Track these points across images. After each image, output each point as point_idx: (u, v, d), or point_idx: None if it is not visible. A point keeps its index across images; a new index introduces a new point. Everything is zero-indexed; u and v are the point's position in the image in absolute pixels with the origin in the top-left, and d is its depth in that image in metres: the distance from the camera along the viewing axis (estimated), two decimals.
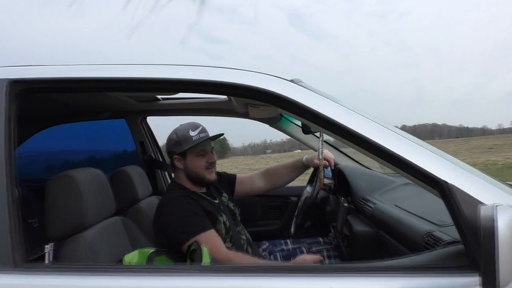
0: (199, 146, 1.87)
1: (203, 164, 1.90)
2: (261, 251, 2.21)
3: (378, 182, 2.09)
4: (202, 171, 1.90)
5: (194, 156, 1.89)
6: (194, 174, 1.91)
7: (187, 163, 1.91)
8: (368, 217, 1.76)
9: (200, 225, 1.73)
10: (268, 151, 38.75)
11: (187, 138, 1.87)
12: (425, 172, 0.97)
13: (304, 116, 1.13)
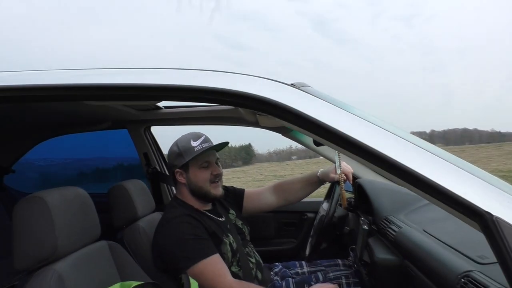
0: (202, 157, 1.70)
1: (207, 177, 1.72)
2: (273, 275, 1.98)
3: (403, 199, 1.83)
4: (206, 185, 1.72)
5: (197, 168, 1.72)
6: (198, 189, 1.74)
7: (190, 176, 1.74)
8: (392, 242, 1.51)
9: (203, 250, 1.57)
10: (294, 157, 38.42)
11: (188, 149, 1.70)
12: (462, 200, 0.74)
13: (307, 128, 0.92)
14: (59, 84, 0.93)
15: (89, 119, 2.31)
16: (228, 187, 2.08)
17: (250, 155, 41.77)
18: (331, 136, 0.87)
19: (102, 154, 3.11)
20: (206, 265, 1.54)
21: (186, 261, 1.54)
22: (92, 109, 2.06)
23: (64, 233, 1.18)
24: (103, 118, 2.32)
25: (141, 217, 1.91)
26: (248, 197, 2.07)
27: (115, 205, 1.88)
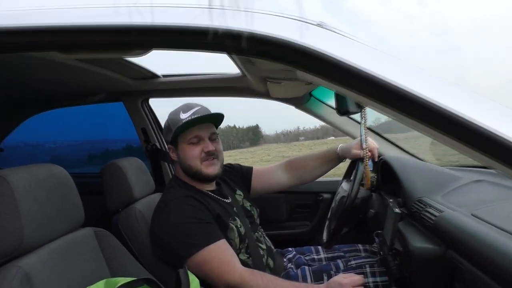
0: (191, 131, 1.50)
1: (196, 154, 1.51)
2: (286, 262, 1.77)
3: (438, 178, 1.59)
4: (196, 163, 1.52)
5: (186, 144, 1.52)
6: (188, 168, 1.53)
7: (179, 153, 1.54)
8: (430, 228, 1.27)
9: (207, 235, 1.38)
10: (301, 138, 38.13)
11: (176, 121, 1.49)
12: None
13: (343, 81, 0.68)
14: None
15: (79, 90, 2.08)
16: (234, 165, 1.85)
17: (257, 136, 41.69)
18: (381, 92, 0.63)
19: (100, 136, 2.95)
20: (211, 252, 1.35)
21: (188, 248, 1.35)
22: (82, 79, 1.82)
23: (33, 221, 0.95)
24: (95, 89, 2.08)
25: (138, 199, 1.70)
26: (257, 176, 1.85)
27: (108, 186, 1.67)
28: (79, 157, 3.07)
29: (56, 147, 3.06)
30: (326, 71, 0.66)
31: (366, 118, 1.43)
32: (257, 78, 1.69)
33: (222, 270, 1.33)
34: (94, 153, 3.07)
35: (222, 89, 2.09)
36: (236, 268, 1.35)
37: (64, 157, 3.07)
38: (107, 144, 2.97)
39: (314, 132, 38.51)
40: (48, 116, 2.55)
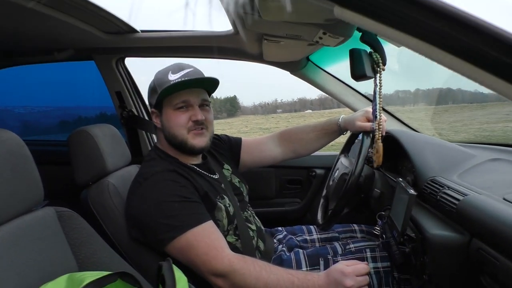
0: (178, 95, 1.30)
1: (182, 122, 1.32)
2: (276, 243, 1.61)
3: (451, 155, 1.43)
4: (181, 133, 1.33)
5: (171, 109, 1.31)
6: (172, 137, 1.34)
7: (163, 119, 1.34)
8: (450, 213, 1.11)
9: (192, 216, 1.20)
10: (279, 110, 38.02)
11: (164, 83, 1.27)
12: None
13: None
14: None
15: (42, 44, 1.79)
16: (221, 136, 1.65)
17: (235, 108, 41.41)
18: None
19: (73, 102, 2.74)
20: (197, 236, 1.17)
21: (170, 230, 1.17)
22: (45, 30, 1.55)
23: None
24: (61, 43, 1.80)
25: (112, 172, 1.47)
26: (246, 148, 1.66)
27: (76, 156, 1.44)
28: (50, 124, 2.89)
29: (26, 112, 2.87)
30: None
31: (382, 84, 1.24)
32: (251, 36, 1.47)
33: (209, 256, 1.16)
34: (67, 119, 2.88)
35: (210, 49, 1.85)
36: (224, 254, 1.18)
37: (34, 124, 2.89)
38: (80, 111, 2.77)
39: (292, 104, 38.51)
40: (18, 79, 2.39)
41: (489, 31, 0.44)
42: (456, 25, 0.45)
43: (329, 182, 1.67)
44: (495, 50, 0.43)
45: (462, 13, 0.45)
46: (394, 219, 1.28)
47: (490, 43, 0.44)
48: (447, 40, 0.47)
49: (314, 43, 1.34)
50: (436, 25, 0.46)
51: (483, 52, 0.45)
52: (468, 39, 0.45)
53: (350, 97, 1.90)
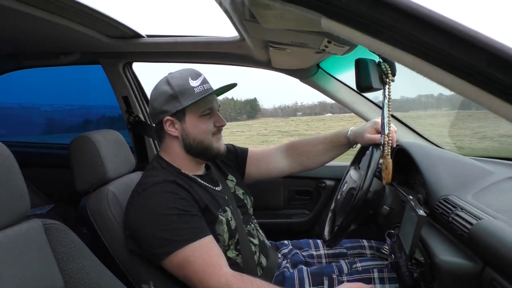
0: (204, 103, 1.29)
1: (209, 128, 1.32)
2: (281, 258, 1.54)
3: (466, 172, 1.35)
4: (208, 138, 1.33)
5: (197, 117, 1.31)
6: (197, 144, 1.33)
7: (187, 127, 1.30)
8: (462, 238, 1.03)
9: (190, 230, 1.16)
10: (299, 113, 37.85)
11: (186, 90, 1.25)
12: None
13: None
14: None
15: (49, 48, 1.79)
16: (227, 146, 1.60)
17: (255, 110, 41.57)
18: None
19: (97, 101, 2.77)
20: (195, 251, 1.13)
21: (167, 245, 1.13)
22: (50, 35, 1.54)
23: None
24: (67, 47, 1.79)
25: (113, 179, 1.44)
26: (252, 159, 1.61)
27: (77, 162, 1.41)
28: (75, 122, 2.98)
29: (52, 110, 2.94)
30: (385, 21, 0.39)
31: (391, 96, 1.16)
32: (257, 43, 1.42)
33: (205, 274, 1.12)
34: (91, 118, 2.95)
35: (216, 55, 1.81)
36: (222, 272, 1.14)
37: (59, 121, 2.99)
38: (105, 110, 2.82)
39: (312, 108, 38.25)
40: (46, 78, 2.45)
41: (492, 49, 0.37)
42: (455, 41, 0.39)
43: (337, 196, 1.59)
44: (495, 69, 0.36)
45: (462, 28, 0.38)
46: (403, 239, 1.20)
47: (493, 61, 0.37)
48: (444, 58, 0.41)
49: (321, 51, 1.28)
50: (431, 41, 0.40)
51: (481, 71, 0.38)
52: (466, 56, 0.38)
53: (363, 106, 1.82)
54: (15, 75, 2.24)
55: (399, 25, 0.41)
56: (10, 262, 0.84)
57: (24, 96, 2.77)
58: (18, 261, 0.85)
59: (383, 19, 0.41)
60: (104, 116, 2.83)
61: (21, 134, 3.00)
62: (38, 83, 2.55)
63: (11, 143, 2.47)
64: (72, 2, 1.26)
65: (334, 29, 0.48)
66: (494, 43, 0.37)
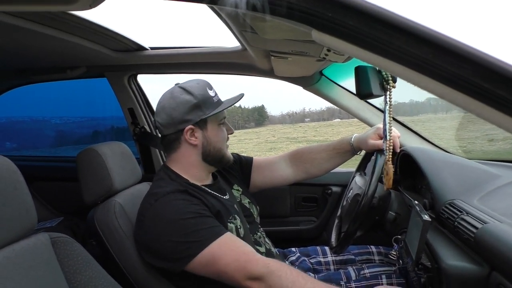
0: (221, 112, 1.35)
1: (225, 136, 1.39)
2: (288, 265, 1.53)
3: (472, 176, 1.34)
4: (224, 146, 1.39)
5: (217, 125, 1.35)
6: (216, 152, 1.36)
7: (209, 135, 1.33)
8: (468, 242, 1.02)
9: (211, 229, 1.17)
10: (307, 119, 37.76)
11: (207, 99, 1.29)
12: None
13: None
14: None
15: (56, 63, 1.82)
16: (232, 155, 1.60)
17: (263, 117, 41.59)
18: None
19: (106, 113, 2.81)
20: (222, 246, 1.14)
21: (190, 247, 1.13)
22: (56, 50, 1.57)
23: None
24: (73, 62, 1.83)
25: (120, 191, 1.45)
26: (257, 168, 1.61)
27: (84, 175, 1.43)
28: (84, 134, 3.01)
29: (61, 123, 2.99)
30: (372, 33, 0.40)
31: (392, 102, 1.16)
32: (259, 53, 1.43)
33: (241, 262, 1.11)
34: (99, 130, 2.98)
35: (220, 65, 1.82)
36: (258, 257, 1.14)
37: (69, 134, 3.04)
38: (113, 121, 2.84)
39: (320, 113, 38.14)
40: (56, 91, 2.49)
41: (477, 60, 0.37)
42: (440, 52, 0.39)
43: (343, 202, 1.59)
44: (479, 78, 0.37)
45: (446, 39, 0.39)
46: (409, 245, 1.19)
47: (478, 72, 0.37)
48: (431, 67, 0.41)
49: (322, 59, 1.29)
50: (417, 52, 0.40)
51: (470, 81, 0.39)
52: (454, 67, 0.39)
53: (367, 112, 1.82)
54: (25, 88, 2.29)
55: (386, 37, 0.42)
56: (19, 277, 0.85)
57: (35, 109, 2.82)
58: (26, 276, 0.87)
59: (370, 32, 0.42)
60: (112, 127, 2.86)
61: (32, 147, 3.04)
62: (48, 96, 2.59)
63: (20, 158, 2.51)
64: (78, 19, 1.29)
65: (325, 41, 0.49)
66: (481, 55, 0.37)
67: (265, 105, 43.43)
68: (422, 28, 0.40)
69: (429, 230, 1.16)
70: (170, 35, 57.16)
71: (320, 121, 35.02)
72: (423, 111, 14.32)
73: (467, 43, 0.38)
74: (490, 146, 4.69)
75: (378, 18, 0.41)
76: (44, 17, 1.23)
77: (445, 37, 0.38)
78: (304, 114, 40.48)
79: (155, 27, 43.21)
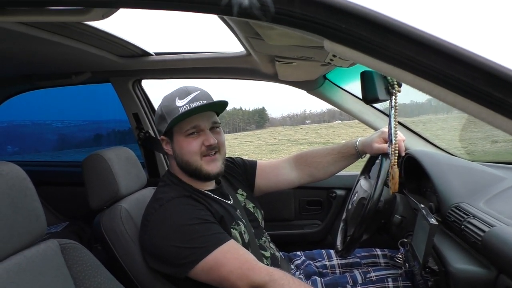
0: (188, 121, 1.26)
1: (195, 149, 1.27)
2: (294, 269, 1.55)
3: (477, 179, 1.34)
4: (195, 160, 1.28)
5: (182, 136, 1.28)
6: (186, 164, 1.29)
7: (175, 147, 1.30)
8: (476, 246, 1.02)
9: (216, 235, 1.17)
10: (308, 121, 37.88)
11: (171, 110, 1.25)
12: None
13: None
14: None
15: (60, 69, 1.83)
16: (236, 159, 1.61)
17: (263, 119, 41.68)
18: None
19: (108, 116, 2.79)
20: (225, 253, 1.14)
21: (194, 253, 1.13)
22: (62, 56, 1.58)
23: None
24: (78, 67, 1.84)
25: (126, 196, 1.46)
26: (262, 172, 1.61)
27: (90, 180, 1.44)
28: (85, 138, 2.99)
29: (63, 126, 2.97)
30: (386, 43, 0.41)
31: (397, 107, 1.17)
32: (264, 58, 1.44)
33: (244, 270, 1.12)
34: (101, 133, 2.96)
35: (223, 70, 1.83)
36: (260, 265, 1.14)
37: (70, 137, 3.01)
38: (115, 124, 2.82)
39: (321, 115, 38.21)
40: (56, 94, 2.47)
41: (487, 68, 0.38)
42: (453, 62, 0.40)
43: (348, 206, 1.60)
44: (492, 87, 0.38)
45: (458, 50, 0.39)
46: (416, 248, 1.20)
47: (489, 81, 0.38)
48: (444, 77, 0.42)
49: (327, 64, 1.30)
50: (429, 62, 0.41)
51: (483, 91, 0.40)
52: (465, 76, 0.40)
53: (370, 116, 1.82)
54: (27, 92, 2.30)
55: (398, 47, 0.42)
56: (29, 284, 0.86)
57: (36, 113, 2.82)
58: (36, 282, 0.88)
59: (382, 42, 0.43)
60: (114, 130, 2.85)
61: (34, 151, 3.05)
62: (49, 99, 2.59)
63: (25, 163, 2.51)
64: (84, 26, 1.30)
65: (337, 50, 0.50)
66: (489, 62, 0.38)
67: (266, 107, 43.76)
68: (433, 39, 0.41)
69: (436, 234, 1.17)
70: (175, 41, 56.25)
71: (321, 123, 35.07)
72: (423, 112, 14.29)
73: (479, 53, 0.39)
74: (492, 147, 4.69)
75: (391, 29, 0.41)
76: (50, 24, 1.24)
77: (457, 47, 0.39)
78: (304, 116, 40.54)
79: (160, 33, 42.58)
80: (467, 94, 0.42)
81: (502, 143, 4.52)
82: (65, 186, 2.35)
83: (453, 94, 0.44)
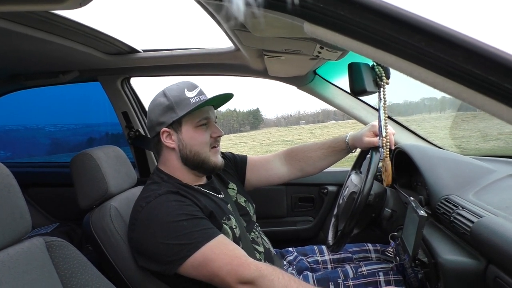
0: (200, 113, 1.29)
1: (205, 140, 1.31)
2: (286, 265, 1.54)
3: (467, 171, 1.34)
4: (205, 150, 1.31)
5: (193, 127, 1.30)
6: (194, 155, 1.31)
7: (183, 138, 1.29)
8: (464, 236, 1.02)
9: (204, 231, 1.15)
10: (302, 121, 37.91)
11: (182, 100, 1.26)
12: None
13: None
14: None
15: (48, 67, 1.81)
16: (226, 154, 1.60)
17: (258, 120, 41.66)
18: None
19: (101, 119, 2.78)
20: (214, 249, 1.13)
21: (182, 250, 1.12)
22: (48, 55, 1.56)
23: None
24: (65, 66, 1.81)
25: (115, 194, 1.44)
26: (252, 166, 1.60)
27: (78, 179, 1.41)
28: (79, 141, 2.98)
29: (56, 130, 2.95)
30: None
31: (386, 99, 1.17)
32: (252, 52, 1.43)
33: (233, 265, 1.10)
34: (94, 136, 2.94)
35: (213, 67, 1.82)
36: (250, 261, 1.12)
37: (63, 141, 3.00)
38: (108, 128, 2.82)
39: (315, 115, 38.32)
40: (49, 98, 2.47)
41: (468, 46, 0.37)
42: (433, 39, 0.39)
43: (339, 201, 1.59)
44: (475, 67, 0.37)
45: (438, 27, 0.39)
46: (406, 241, 1.20)
47: (470, 59, 0.37)
48: (424, 56, 0.41)
49: (316, 57, 1.29)
50: (409, 40, 0.40)
51: (464, 69, 0.39)
52: (446, 54, 0.39)
53: (361, 111, 1.82)
54: (18, 96, 2.27)
55: (378, 26, 0.42)
56: (13, 282, 0.84)
57: (28, 117, 2.81)
58: (21, 280, 0.86)
59: (361, 21, 0.42)
60: (107, 133, 2.84)
61: (27, 155, 3.02)
62: (41, 104, 2.58)
63: (13, 164, 2.49)
64: (68, 22, 1.28)
65: (317, 33, 0.49)
66: (468, 39, 0.38)
67: (260, 108, 43.88)
68: (413, 16, 0.40)
69: (425, 226, 1.17)
70: (163, 37, 55.54)
71: (315, 123, 35.09)
72: (417, 111, 14.39)
73: (459, 30, 0.38)
74: (485, 144, 4.70)
75: (368, 7, 0.41)
76: (34, 20, 1.22)
77: (436, 24, 0.39)
78: (299, 116, 40.61)
79: (147, 29, 42.03)
80: (448, 74, 0.42)
81: (494, 141, 4.55)
82: (55, 187, 2.32)
83: (433, 74, 0.43)
